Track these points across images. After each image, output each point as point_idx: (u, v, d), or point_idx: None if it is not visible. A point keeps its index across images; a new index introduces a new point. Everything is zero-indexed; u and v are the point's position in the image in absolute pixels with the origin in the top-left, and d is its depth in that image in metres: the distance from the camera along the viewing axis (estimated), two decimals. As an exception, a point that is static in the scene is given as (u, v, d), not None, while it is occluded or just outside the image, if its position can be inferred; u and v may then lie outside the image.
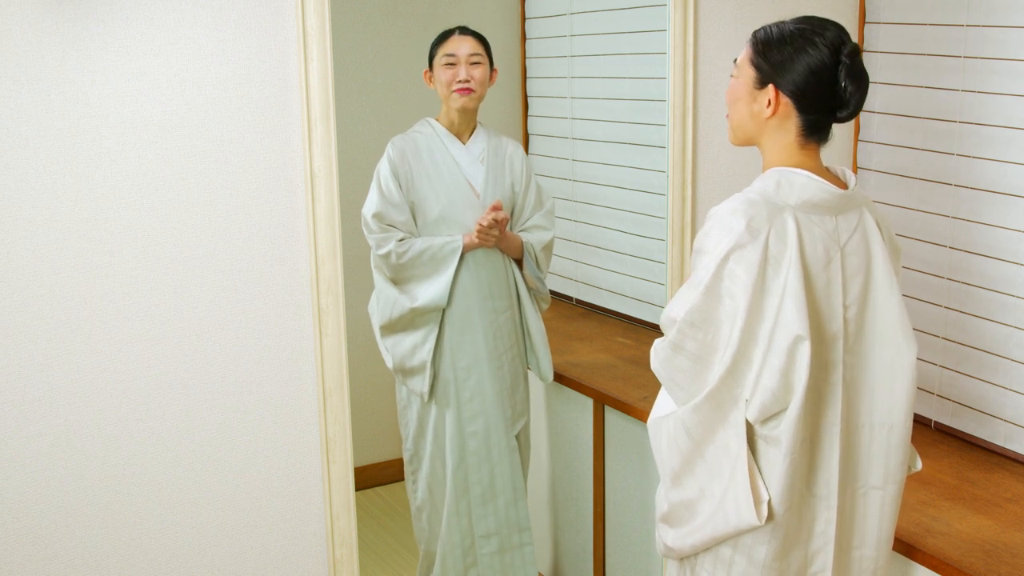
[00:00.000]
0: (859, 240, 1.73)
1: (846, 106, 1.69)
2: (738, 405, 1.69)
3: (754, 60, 1.73)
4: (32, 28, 1.82)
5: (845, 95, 1.68)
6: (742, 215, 1.65)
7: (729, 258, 1.65)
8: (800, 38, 1.68)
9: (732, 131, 1.80)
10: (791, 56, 1.68)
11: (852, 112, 1.69)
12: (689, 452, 1.74)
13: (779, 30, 1.71)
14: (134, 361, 1.99)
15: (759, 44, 1.73)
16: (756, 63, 1.72)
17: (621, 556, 2.82)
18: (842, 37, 1.69)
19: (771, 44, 1.71)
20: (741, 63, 1.76)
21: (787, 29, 1.70)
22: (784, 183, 1.70)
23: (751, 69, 1.73)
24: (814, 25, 1.70)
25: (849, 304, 1.72)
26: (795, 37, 1.69)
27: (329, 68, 2.05)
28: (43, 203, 1.88)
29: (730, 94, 1.78)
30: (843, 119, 1.71)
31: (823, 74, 1.67)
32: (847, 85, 1.67)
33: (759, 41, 1.73)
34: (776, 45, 1.70)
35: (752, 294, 1.64)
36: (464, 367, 2.62)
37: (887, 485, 1.78)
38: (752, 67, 1.73)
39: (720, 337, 1.68)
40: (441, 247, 2.56)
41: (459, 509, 2.67)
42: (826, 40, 1.67)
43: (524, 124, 3.30)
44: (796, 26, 1.70)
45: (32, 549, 1.96)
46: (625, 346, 3.02)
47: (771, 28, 1.73)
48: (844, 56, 1.67)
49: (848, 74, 1.67)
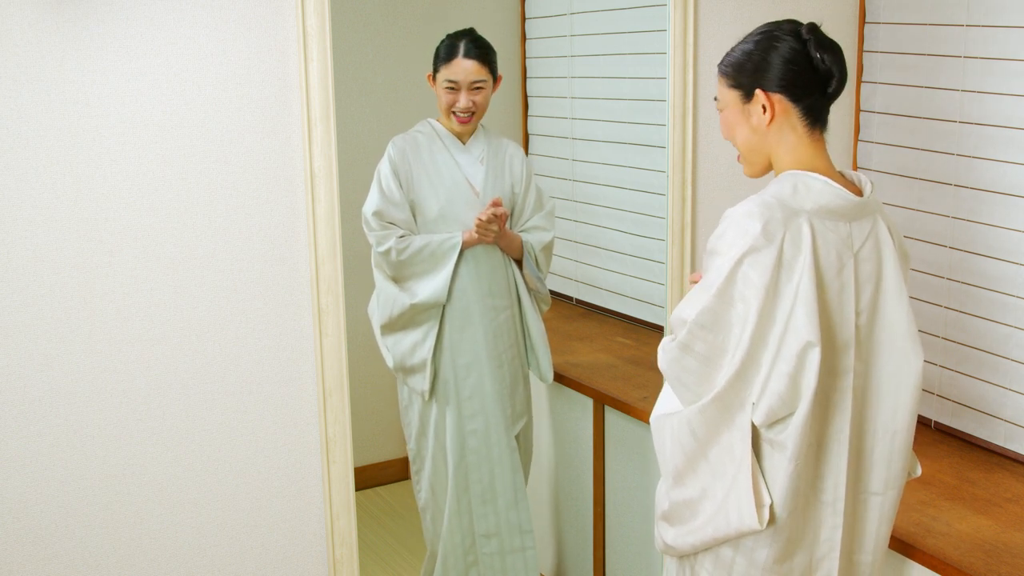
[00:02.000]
0: (872, 247, 1.73)
1: (830, 76, 1.71)
2: (744, 408, 1.69)
3: (731, 83, 1.76)
4: (32, 28, 1.82)
5: (825, 65, 1.70)
6: (758, 218, 1.65)
7: (743, 261, 1.64)
8: (762, 41, 1.73)
9: (747, 163, 1.81)
10: (763, 58, 1.72)
11: (839, 82, 1.72)
12: (693, 452, 1.74)
13: (740, 47, 1.76)
14: (134, 361, 1.99)
15: (728, 68, 1.77)
16: (734, 84, 1.76)
17: (621, 556, 2.82)
18: (797, 25, 1.73)
19: (739, 61, 1.75)
20: (721, 95, 1.79)
21: (747, 43, 1.76)
22: (801, 187, 1.69)
23: (732, 92, 1.76)
24: (768, 27, 1.75)
25: (861, 311, 1.71)
26: (758, 43, 1.74)
27: (329, 68, 2.05)
28: (43, 203, 1.88)
29: (725, 127, 1.80)
30: (833, 92, 1.73)
31: (797, 58, 1.70)
32: (822, 57, 1.70)
33: (727, 66, 1.77)
34: (744, 58, 1.74)
35: (764, 298, 1.64)
36: (464, 365, 2.62)
37: (887, 491, 1.78)
38: (732, 90, 1.76)
39: (730, 340, 1.68)
40: (440, 243, 2.56)
41: (460, 508, 2.67)
42: (784, 31, 1.72)
43: (524, 124, 3.29)
44: (753, 36, 1.75)
45: (32, 549, 1.96)
46: (625, 346, 3.02)
47: (732, 51, 1.78)
48: (805, 34, 1.71)
49: (818, 47, 1.70)
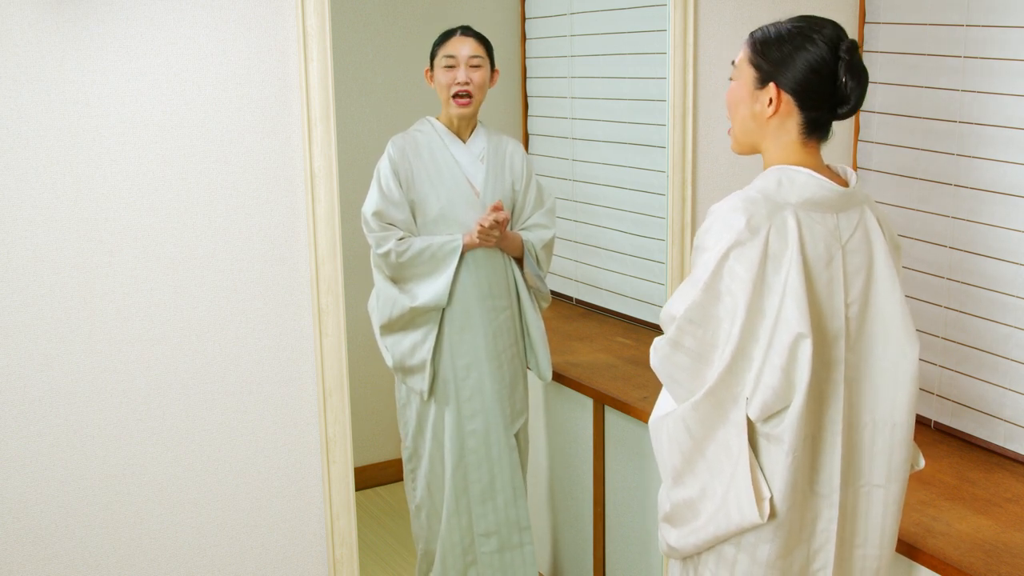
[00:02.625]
0: (860, 238, 1.73)
1: (846, 102, 1.69)
2: (738, 403, 1.69)
3: (753, 60, 1.73)
4: (32, 28, 1.82)
5: (845, 91, 1.68)
6: (742, 212, 1.65)
7: (729, 255, 1.65)
8: (799, 36, 1.69)
9: (735, 139, 1.80)
10: (790, 54, 1.68)
11: (852, 108, 1.70)
12: (690, 450, 1.74)
13: (777, 29, 1.71)
14: (134, 361, 1.99)
15: (757, 44, 1.73)
16: (755, 63, 1.72)
17: (621, 556, 2.82)
18: (839, 34, 1.69)
19: (770, 43, 1.71)
20: (740, 64, 1.76)
21: (785, 28, 1.71)
22: (785, 181, 1.70)
23: (751, 69, 1.73)
24: (811, 23, 1.70)
25: (851, 302, 1.72)
26: (793, 35, 1.69)
27: (329, 68, 2.05)
28: (43, 203, 1.88)
29: (730, 96, 1.78)
30: (843, 116, 1.71)
31: (823, 70, 1.67)
32: (847, 80, 1.67)
33: (757, 41, 1.73)
34: (775, 44, 1.70)
35: (752, 291, 1.64)
36: (464, 366, 2.62)
37: (890, 483, 1.78)
38: (752, 67, 1.73)
39: (720, 334, 1.68)
40: (441, 246, 2.55)
41: (458, 508, 2.67)
42: (824, 37, 1.68)
43: (524, 124, 3.29)
44: (794, 24, 1.71)
45: (32, 549, 1.96)
46: (625, 346, 3.01)
47: (768, 28, 1.73)
48: (843, 52, 1.67)
49: (848, 70, 1.67)
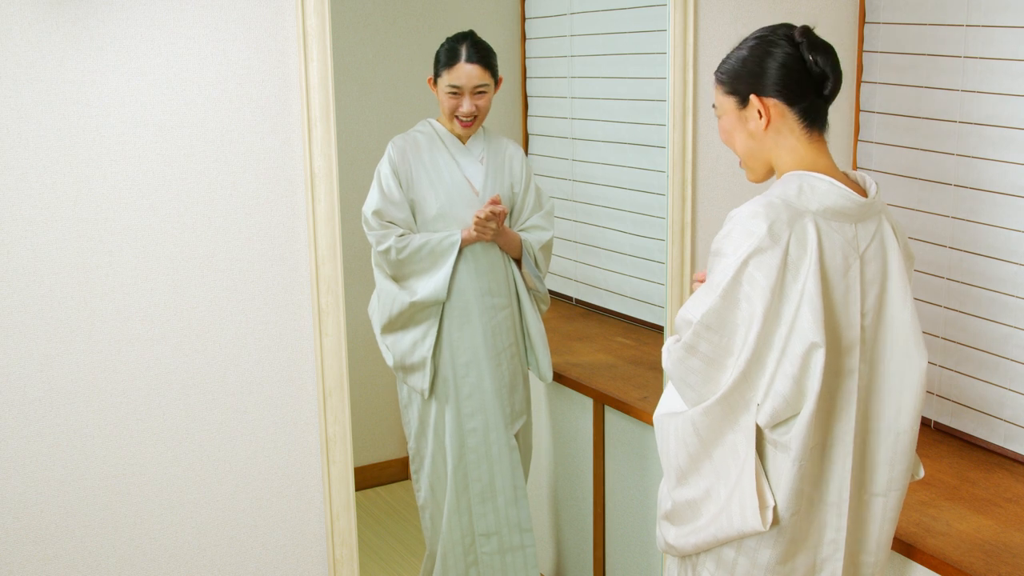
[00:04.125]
0: (877, 248, 1.72)
1: (825, 79, 1.71)
2: (749, 409, 1.68)
3: (727, 90, 1.77)
4: (32, 28, 1.82)
5: (818, 67, 1.70)
6: (764, 219, 1.65)
7: (749, 262, 1.64)
8: (756, 47, 1.73)
9: (748, 169, 1.82)
10: (757, 64, 1.72)
11: (834, 85, 1.72)
12: (697, 452, 1.74)
13: (735, 55, 1.77)
14: (134, 361, 1.99)
15: (724, 76, 1.77)
16: (730, 91, 1.76)
17: (621, 556, 2.82)
18: (790, 29, 1.73)
19: (734, 69, 1.76)
20: (718, 102, 1.80)
21: (742, 49, 1.76)
22: (806, 188, 1.69)
23: (728, 99, 1.77)
24: (763, 32, 1.75)
25: (866, 312, 1.71)
26: (752, 49, 1.74)
27: (329, 68, 2.05)
28: (43, 203, 1.88)
29: (723, 133, 1.81)
30: (829, 95, 1.73)
31: (791, 63, 1.70)
32: (815, 58, 1.69)
33: (723, 73, 1.78)
34: (739, 66, 1.75)
35: (770, 299, 1.64)
36: (463, 363, 2.63)
37: (890, 492, 1.77)
38: (728, 96, 1.77)
39: (735, 341, 1.68)
40: (439, 241, 2.57)
41: (459, 507, 2.67)
42: (778, 35, 1.72)
43: (524, 124, 3.29)
44: (748, 42, 1.76)
45: (32, 549, 1.96)
46: (625, 346, 3.01)
47: (727, 58, 1.78)
48: (798, 37, 1.70)
49: (811, 49, 1.70)
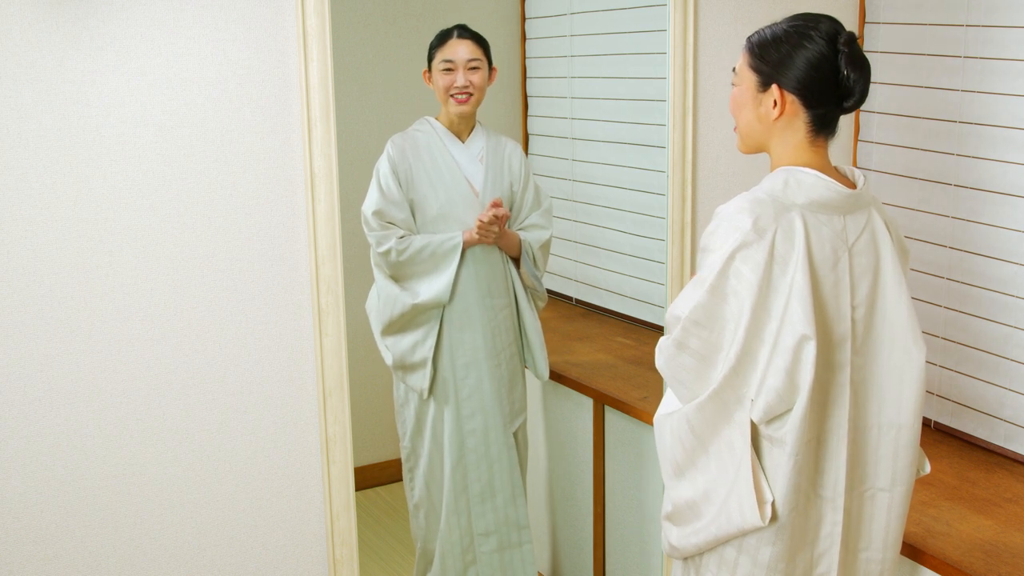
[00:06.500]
0: (867, 240, 1.72)
1: (851, 94, 1.68)
2: (743, 404, 1.69)
3: (753, 64, 1.73)
4: (32, 28, 1.82)
5: (849, 83, 1.67)
6: (748, 214, 1.65)
7: (735, 257, 1.65)
8: (795, 35, 1.68)
9: (741, 140, 1.79)
10: (789, 53, 1.68)
11: (858, 100, 1.69)
12: (693, 450, 1.74)
13: (773, 31, 1.71)
14: (134, 361, 1.99)
15: (755, 47, 1.73)
16: (755, 67, 1.72)
17: (621, 556, 2.82)
18: (837, 28, 1.69)
19: (767, 45, 1.71)
20: (740, 70, 1.75)
21: (781, 29, 1.71)
22: (792, 182, 1.69)
23: (751, 74, 1.73)
24: (807, 20, 1.70)
25: (857, 305, 1.71)
26: (790, 35, 1.69)
27: (329, 68, 2.05)
28: (43, 203, 1.88)
29: (734, 102, 1.78)
30: (850, 108, 1.70)
31: (824, 66, 1.67)
32: (849, 73, 1.66)
33: (755, 44, 1.73)
34: (772, 45, 1.70)
35: (758, 293, 1.64)
36: (463, 364, 2.62)
37: (895, 487, 1.77)
38: (752, 71, 1.73)
39: (725, 336, 1.68)
40: (441, 244, 2.56)
41: (458, 507, 2.67)
42: (821, 32, 1.67)
43: (524, 124, 3.29)
44: (790, 24, 1.71)
45: (32, 549, 1.96)
46: (625, 346, 3.01)
47: (765, 30, 1.73)
48: (841, 45, 1.67)
49: (848, 62, 1.66)
